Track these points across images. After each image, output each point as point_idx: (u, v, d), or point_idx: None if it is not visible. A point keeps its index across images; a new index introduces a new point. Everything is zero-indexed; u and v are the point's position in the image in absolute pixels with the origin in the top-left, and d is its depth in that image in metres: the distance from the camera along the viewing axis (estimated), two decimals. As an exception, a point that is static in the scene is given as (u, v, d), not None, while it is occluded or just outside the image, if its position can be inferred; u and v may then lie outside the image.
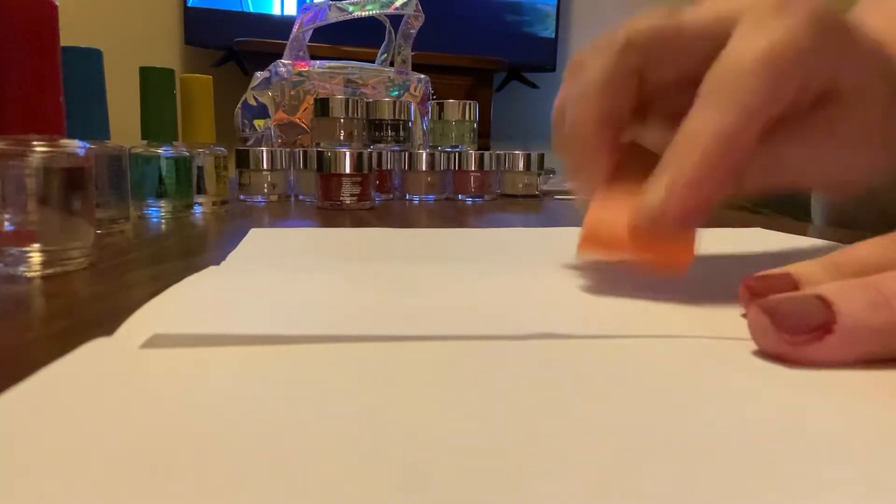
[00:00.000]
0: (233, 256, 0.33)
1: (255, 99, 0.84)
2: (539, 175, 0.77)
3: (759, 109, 0.23)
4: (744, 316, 0.22)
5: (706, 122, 0.23)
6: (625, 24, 0.27)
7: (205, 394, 0.15)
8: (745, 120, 0.23)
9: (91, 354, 0.18)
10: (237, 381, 0.16)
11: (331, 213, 0.59)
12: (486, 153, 0.74)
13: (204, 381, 0.16)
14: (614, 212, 0.26)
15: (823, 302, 0.18)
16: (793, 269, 0.21)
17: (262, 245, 0.37)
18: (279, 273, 0.29)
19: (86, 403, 0.14)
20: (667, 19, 0.26)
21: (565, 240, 0.42)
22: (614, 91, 0.27)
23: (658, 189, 0.24)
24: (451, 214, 0.60)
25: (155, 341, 0.18)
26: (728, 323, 0.22)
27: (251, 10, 1.99)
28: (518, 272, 0.30)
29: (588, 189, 0.28)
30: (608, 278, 0.29)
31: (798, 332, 0.17)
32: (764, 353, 0.18)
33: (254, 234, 0.41)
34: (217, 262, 0.30)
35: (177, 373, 0.17)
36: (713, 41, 0.25)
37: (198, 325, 0.20)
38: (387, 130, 0.74)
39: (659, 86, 0.27)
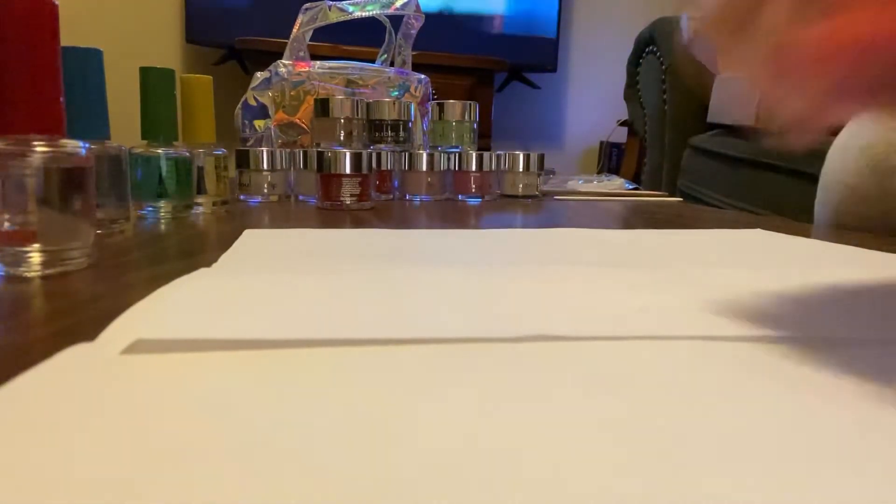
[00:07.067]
0: (224, 258, 0.33)
1: (256, 99, 0.84)
2: (539, 175, 0.77)
3: None
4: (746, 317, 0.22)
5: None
6: None
7: (185, 401, 0.15)
8: None
9: (70, 361, 0.17)
10: (219, 388, 0.16)
11: (331, 213, 0.59)
12: (486, 153, 0.74)
13: (184, 388, 0.16)
14: None
15: None
16: None
17: (254, 247, 0.37)
18: (269, 275, 0.29)
19: (61, 411, 0.14)
20: None
21: (565, 240, 0.42)
22: None
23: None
24: (450, 215, 0.60)
25: (136, 347, 0.18)
26: (729, 324, 0.22)
27: None
28: (517, 273, 0.30)
29: None
30: (608, 279, 0.29)
31: None
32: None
33: (247, 235, 0.41)
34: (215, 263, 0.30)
35: (157, 379, 0.16)
36: None
37: (181, 330, 0.20)
38: (387, 131, 0.74)
39: None
